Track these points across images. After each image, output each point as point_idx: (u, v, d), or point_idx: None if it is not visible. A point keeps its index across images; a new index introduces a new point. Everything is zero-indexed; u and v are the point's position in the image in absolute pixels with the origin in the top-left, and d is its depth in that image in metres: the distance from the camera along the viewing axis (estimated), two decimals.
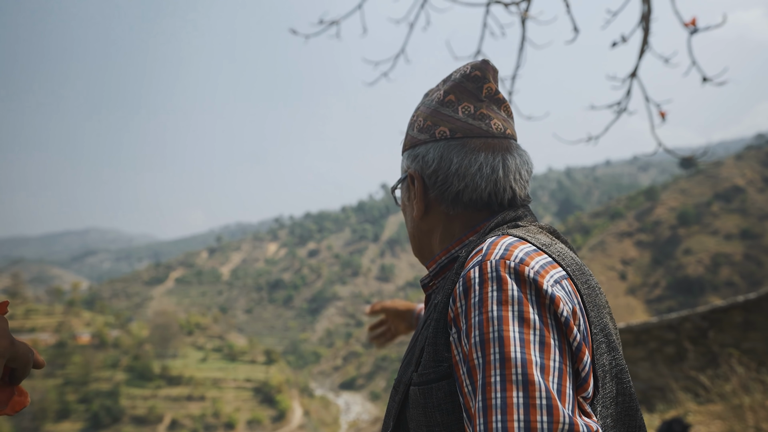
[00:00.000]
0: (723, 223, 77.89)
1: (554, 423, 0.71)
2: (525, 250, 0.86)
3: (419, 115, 1.09)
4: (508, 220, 1.01)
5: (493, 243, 0.88)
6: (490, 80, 1.05)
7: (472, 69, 1.05)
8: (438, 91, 1.09)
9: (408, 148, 1.10)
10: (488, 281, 0.81)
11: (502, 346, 0.76)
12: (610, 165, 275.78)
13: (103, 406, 65.27)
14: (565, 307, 0.81)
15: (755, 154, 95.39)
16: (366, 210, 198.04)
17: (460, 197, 1.01)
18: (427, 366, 0.88)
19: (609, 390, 0.88)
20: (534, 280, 0.81)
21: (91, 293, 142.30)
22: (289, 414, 73.26)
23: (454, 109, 1.04)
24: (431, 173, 1.03)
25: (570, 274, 0.88)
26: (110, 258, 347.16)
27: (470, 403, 0.80)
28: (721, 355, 6.68)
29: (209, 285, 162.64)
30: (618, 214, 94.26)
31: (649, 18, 3.33)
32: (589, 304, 0.88)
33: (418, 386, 0.88)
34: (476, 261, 0.86)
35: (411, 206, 1.10)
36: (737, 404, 5.57)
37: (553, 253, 0.90)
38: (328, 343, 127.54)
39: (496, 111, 1.06)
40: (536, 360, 0.75)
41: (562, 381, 0.76)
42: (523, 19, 3.67)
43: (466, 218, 1.03)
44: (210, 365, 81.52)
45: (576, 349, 0.81)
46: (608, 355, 0.89)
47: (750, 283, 62.45)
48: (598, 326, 0.88)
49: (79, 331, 79.82)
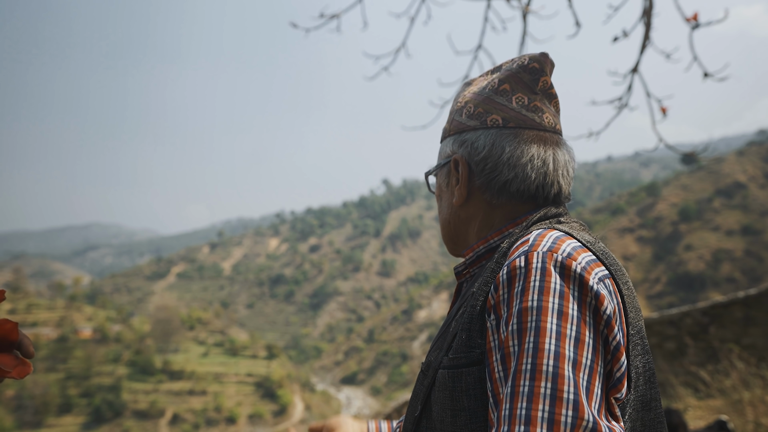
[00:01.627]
0: (724, 219, 77.83)
1: (578, 419, 0.72)
2: (572, 245, 0.86)
3: (468, 101, 1.07)
4: (551, 216, 1.00)
5: (540, 235, 0.88)
6: (547, 73, 1.04)
7: (530, 60, 1.03)
8: (490, 79, 1.07)
9: (453, 133, 1.07)
10: (532, 271, 0.81)
11: (537, 336, 0.76)
12: (611, 161, 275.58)
13: (105, 401, 65.52)
14: (609, 305, 0.81)
15: (757, 150, 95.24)
16: (367, 205, 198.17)
17: (507, 187, 1.00)
18: (458, 350, 0.89)
19: (642, 393, 0.89)
20: (580, 275, 0.81)
21: (92, 288, 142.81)
22: (290, 408, 73.53)
23: (508, 99, 1.03)
24: (480, 160, 1.02)
25: (612, 273, 0.88)
26: (112, 253, 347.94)
27: (499, 389, 0.80)
28: (722, 350, 6.69)
29: (211, 280, 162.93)
30: (619, 210, 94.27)
31: (651, 13, 3.32)
32: (629, 305, 0.88)
33: (448, 369, 0.89)
34: (522, 251, 0.85)
35: (450, 192, 1.08)
36: (737, 399, 5.58)
37: (597, 251, 0.89)
38: (330, 338, 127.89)
39: (548, 105, 1.05)
40: (569, 354, 0.75)
41: (591, 380, 0.76)
42: (524, 14, 3.66)
43: (509, 209, 1.02)
44: (211, 360, 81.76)
45: (614, 349, 0.80)
46: (642, 357, 0.89)
47: (751, 278, 62.47)
48: (635, 327, 0.89)
49: (81, 325, 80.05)
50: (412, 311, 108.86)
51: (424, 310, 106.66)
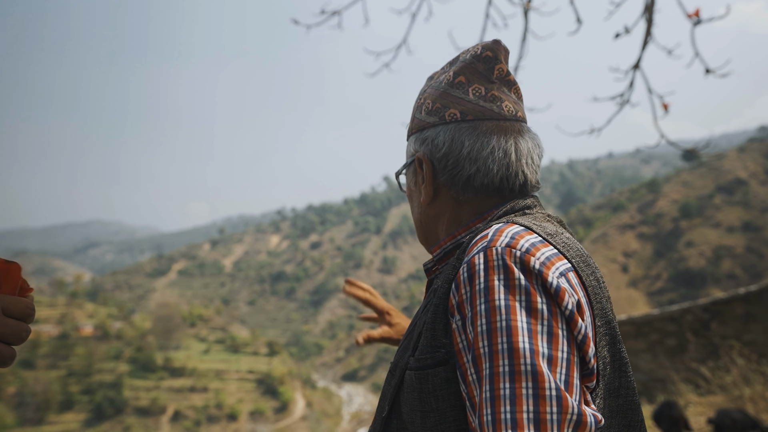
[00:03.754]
0: (725, 216, 77.77)
1: (563, 414, 0.71)
2: (531, 240, 0.84)
3: (427, 97, 1.05)
4: (518, 209, 0.98)
5: (498, 230, 0.86)
6: (502, 61, 1.02)
7: (483, 49, 1.02)
8: (446, 73, 1.05)
9: (415, 131, 1.06)
10: (494, 269, 0.80)
11: (510, 335, 0.75)
12: (612, 157, 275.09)
13: (107, 398, 65.62)
14: (570, 299, 0.80)
15: (758, 147, 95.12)
16: (368, 202, 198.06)
17: (471, 181, 0.98)
18: (424, 351, 0.87)
19: (610, 382, 0.88)
20: (539, 271, 0.80)
21: (93, 285, 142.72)
22: (291, 405, 73.60)
23: (465, 91, 1.00)
24: (441, 156, 1.00)
25: (575, 266, 0.87)
26: (113, 250, 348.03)
27: (474, 392, 0.79)
28: (722, 346, 6.71)
29: (212, 277, 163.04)
30: (620, 207, 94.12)
31: (653, 9, 3.32)
32: (593, 296, 0.87)
33: (415, 371, 0.87)
34: (481, 246, 0.84)
35: (418, 191, 1.07)
36: (738, 396, 5.59)
37: (559, 243, 0.88)
38: (331, 334, 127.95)
39: (507, 93, 1.02)
40: (544, 351, 0.75)
41: (569, 372, 0.76)
42: (525, 10, 3.66)
43: (476, 204, 1.01)
44: (213, 357, 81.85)
45: (581, 342, 0.80)
46: (611, 347, 0.89)
47: (751, 275, 62.40)
48: (602, 318, 0.88)
49: (82, 322, 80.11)
50: (413, 308, 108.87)
51: None
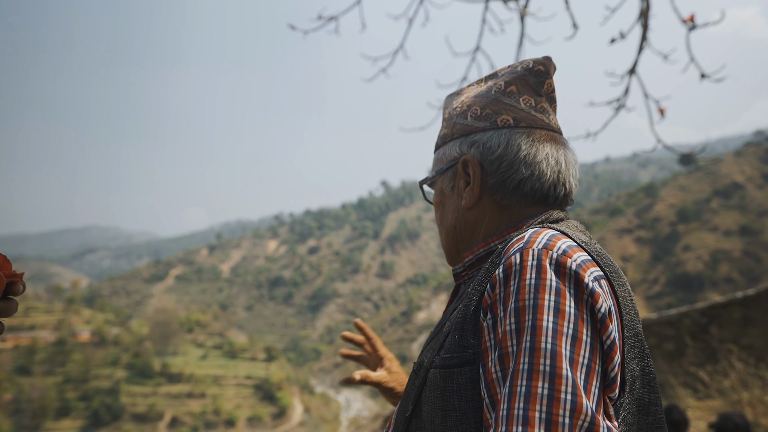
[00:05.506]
0: (722, 220, 77.92)
1: (575, 419, 0.71)
2: (567, 243, 0.85)
3: (473, 104, 1.06)
4: (552, 221, 0.99)
5: (535, 233, 0.88)
6: (551, 76, 1.05)
7: (535, 63, 1.04)
8: (492, 83, 1.07)
9: (458, 136, 1.06)
10: (528, 268, 0.80)
11: (534, 335, 0.75)
12: (609, 162, 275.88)
13: (104, 404, 65.38)
14: (604, 303, 0.80)
15: (754, 151, 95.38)
16: (366, 207, 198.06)
17: (522, 185, 0.99)
18: (450, 350, 0.88)
19: (641, 397, 0.88)
20: (575, 272, 0.80)
21: (90, 291, 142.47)
22: (289, 411, 73.41)
23: (516, 100, 1.02)
24: (495, 158, 1.00)
25: (607, 274, 0.87)
26: (110, 255, 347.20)
27: (496, 389, 0.79)
28: (720, 351, 6.70)
29: (209, 282, 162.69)
30: (617, 211, 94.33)
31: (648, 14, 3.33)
32: (624, 307, 0.87)
33: (440, 369, 0.88)
34: (517, 248, 0.85)
35: (456, 196, 1.06)
36: (736, 400, 5.59)
37: (592, 251, 0.88)
38: (329, 340, 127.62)
39: (550, 108, 1.06)
40: (566, 353, 0.75)
41: (589, 378, 0.76)
42: (522, 16, 3.67)
43: (516, 211, 1.01)
44: (210, 362, 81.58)
45: (608, 348, 0.80)
46: (640, 361, 0.89)
47: (749, 279, 62.56)
48: (631, 330, 0.88)
49: (79, 328, 79.86)
50: (411, 313, 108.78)
51: (423, 311, 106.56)
